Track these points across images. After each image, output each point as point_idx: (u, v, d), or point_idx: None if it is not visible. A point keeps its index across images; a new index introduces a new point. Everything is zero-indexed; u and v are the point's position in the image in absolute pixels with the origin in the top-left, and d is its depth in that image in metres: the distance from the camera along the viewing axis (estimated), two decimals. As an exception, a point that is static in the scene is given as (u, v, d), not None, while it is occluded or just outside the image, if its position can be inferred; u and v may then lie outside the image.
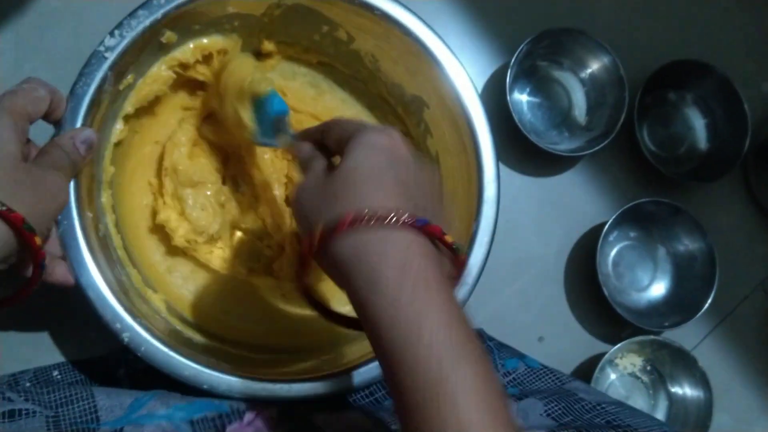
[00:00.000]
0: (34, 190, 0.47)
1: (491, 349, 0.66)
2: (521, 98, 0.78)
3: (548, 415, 0.55)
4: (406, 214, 0.39)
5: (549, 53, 0.78)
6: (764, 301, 0.80)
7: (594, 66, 0.77)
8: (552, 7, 0.79)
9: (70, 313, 0.66)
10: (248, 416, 0.50)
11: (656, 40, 0.81)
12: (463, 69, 0.62)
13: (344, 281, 0.41)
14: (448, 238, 0.42)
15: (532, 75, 0.78)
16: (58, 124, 0.54)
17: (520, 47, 0.72)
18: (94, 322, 0.65)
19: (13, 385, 0.59)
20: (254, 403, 0.53)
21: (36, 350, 0.65)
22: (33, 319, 0.66)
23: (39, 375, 0.63)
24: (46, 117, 0.53)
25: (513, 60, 0.72)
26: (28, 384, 0.61)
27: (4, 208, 0.43)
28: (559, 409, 0.56)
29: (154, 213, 0.66)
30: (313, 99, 0.71)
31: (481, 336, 0.66)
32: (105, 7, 0.56)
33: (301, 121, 0.69)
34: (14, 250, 0.46)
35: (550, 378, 0.63)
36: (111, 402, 0.49)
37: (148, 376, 0.61)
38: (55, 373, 0.63)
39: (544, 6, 0.79)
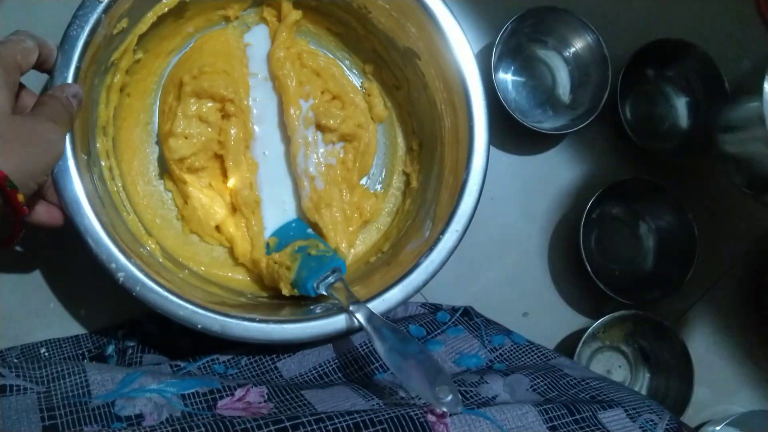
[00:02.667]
0: (23, 145, 0.47)
1: (479, 325, 0.66)
2: (506, 77, 0.78)
3: (534, 390, 0.56)
4: None
5: (533, 32, 0.78)
6: (743, 276, 0.82)
7: (578, 45, 0.78)
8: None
9: (58, 290, 0.67)
10: (239, 392, 0.51)
11: (639, 19, 0.82)
12: (455, 21, 0.63)
13: None
14: None
15: (516, 54, 0.79)
16: (50, 72, 0.54)
17: (505, 26, 0.73)
18: (83, 300, 0.66)
19: (0, 362, 0.60)
20: (245, 380, 0.54)
21: (22, 327, 0.65)
22: (20, 294, 0.66)
23: (26, 352, 0.63)
24: (38, 67, 0.53)
25: (497, 39, 0.73)
26: (15, 360, 0.61)
27: None
28: (545, 384, 0.57)
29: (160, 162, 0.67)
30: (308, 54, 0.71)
31: (469, 313, 0.67)
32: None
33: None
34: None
35: (535, 354, 0.64)
36: (102, 377, 0.49)
37: (137, 354, 0.62)
38: (43, 350, 0.63)
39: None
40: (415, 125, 0.72)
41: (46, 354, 0.63)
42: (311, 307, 0.61)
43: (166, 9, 0.63)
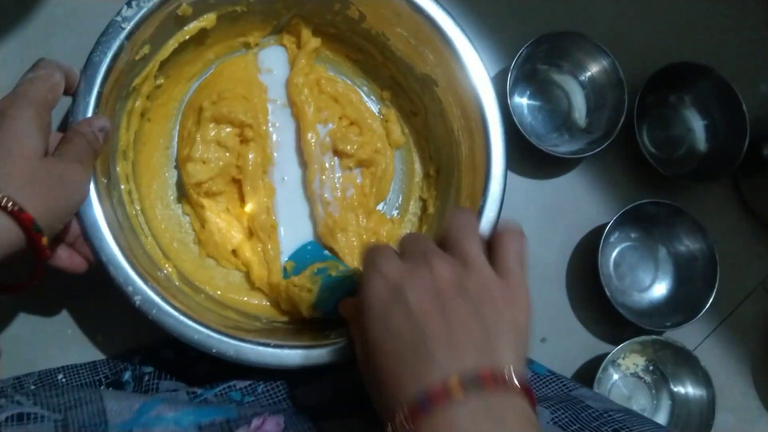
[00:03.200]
0: (51, 188, 0.47)
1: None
2: (521, 101, 0.78)
3: (555, 423, 0.55)
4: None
5: (548, 57, 0.78)
6: (765, 301, 0.81)
7: (593, 69, 0.78)
8: (551, 11, 0.80)
9: (76, 316, 0.67)
10: (256, 422, 0.51)
11: (655, 42, 0.82)
12: (471, 46, 0.63)
13: None
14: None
15: (532, 78, 0.79)
16: (72, 96, 0.55)
17: (520, 51, 0.73)
18: (100, 326, 0.67)
19: (18, 388, 0.60)
20: (262, 408, 0.53)
21: (40, 353, 0.65)
22: (38, 320, 0.66)
23: (44, 378, 0.63)
24: (65, 93, 0.54)
25: (513, 64, 0.73)
26: (33, 387, 0.61)
27: (16, 207, 0.44)
28: (566, 417, 0.56)
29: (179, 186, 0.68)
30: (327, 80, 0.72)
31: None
32: (108, 12, 0.57)
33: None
34: (23, 247, 0.46)
35: (556, 385, 0.63)
36: (119, 405, 0.49)
37: (154, 380, 0.61)
38: (60, 376, 0.63)
39: (543, 10, 0.80)
40: (432, 151, 0.72)
41: (64, 380, 0.63)
42: (326, 332, 0.61)
43: (188, 36, 0.63)
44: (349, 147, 0.69)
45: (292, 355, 0.56)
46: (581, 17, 0.80)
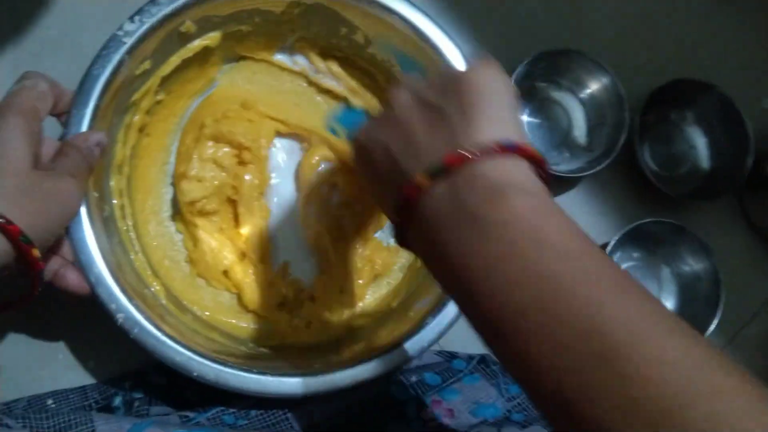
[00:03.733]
0: (42, 200, 0.47)
1: (496, 373, 0.65)
2: (521, 119, 0.78)
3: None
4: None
5: (547, 74, 0.78)
6: (772, 321, 0.80)
7: (593, 86, 0.77)
8: (549, 28, 0.80)
9: (67, 341, 0.66)
10: (247, 445, 0.50)
11: (655, 59, 0.81)
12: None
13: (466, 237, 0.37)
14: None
15: (531, 96, 0.78)
16: (61, 116, 0.54)
17: (519, 69, 0.72)
18: (92, 351, 0.66)
19: (7, 413, 0.59)
20: (255, 431, 0.52)
21: (29, 378, 0.64)
22: (28, 345, 0.65)
23: (33, 403, 0.62)
24: (52, 113, 0.53)
25: (512, 81, 0.72)
26: (21, 412, 0.60)
27: (2, 220, 0.43)
28: None
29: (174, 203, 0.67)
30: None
31: (486, 360, 0.65)
32: (102, 35, 0.57)
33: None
34: (13, 260, 0.45)
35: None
36: (110, 428, 0.48)
37: (145, 406, 0.60)
38: (50, 401, 0.62)
39: (542, 27, 0.79)
40: None
41: (53, 405, 0.62)
42: (311, 361, 0.60)
43: (191, 54, 0.63)
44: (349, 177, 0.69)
45: (275, 383, 0.55)
46: (580, 34, 0.80)
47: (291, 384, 0.55)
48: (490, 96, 0.40)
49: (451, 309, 0.59)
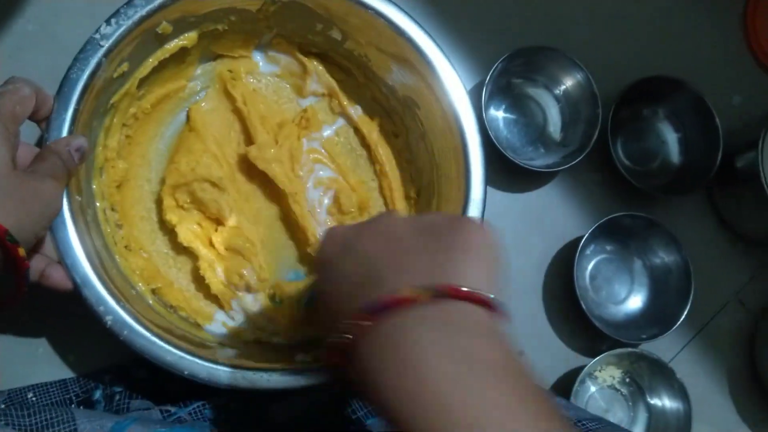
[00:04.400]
0: (23, 200, 0.47)
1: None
2: (497, 115, 0.79)
3: None
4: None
5: (523, 71, 0.79)
6: (739, 312, 0.81)
7: (568, 83, 0.78)
8: (526, 25, 0.81)
9: (48, 336, 0.66)
10: (229, 440, 0.50)
11: (628, 56, 0.82)
12: (453, 70, 0.63)
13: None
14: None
15: (507, 92, 0.79)
16: (42, 122, 0.54)
17: (495, 65, 0.73)
18: (72, 345, 0.66)
19: (-12, 408, 0.59)
20: (235, 428, 0.53)
21: (9, 372, 0.65)
22: (8, 340, 0.65)
23: (13, 397, 0.62)
24: (32, 115, 0.53)
25: (488, 78, 0.73)
26: (2, 406, 0.60)
27: None
28: None
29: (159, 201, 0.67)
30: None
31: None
32: (81, 29, 0.57)
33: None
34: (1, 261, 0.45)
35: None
36: (92, 425, 0.48)
37: (125, 400, 0.61)
38: (30, 395, 0.62)
39: (518, 25, 0.80)
40: (413, 173, 0.71)
41: (34, 399, 0.62)
42: (297, 356, 0.60)
43: (168, 54, 0.63)
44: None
45: (264, 379, 0.55)
46: (555, 32, 0.81)
47: (279, 381, 0.55)
48: (482, 251, 0.40)
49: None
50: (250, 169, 0.68)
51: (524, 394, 0.34)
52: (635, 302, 0.79)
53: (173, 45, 0.63)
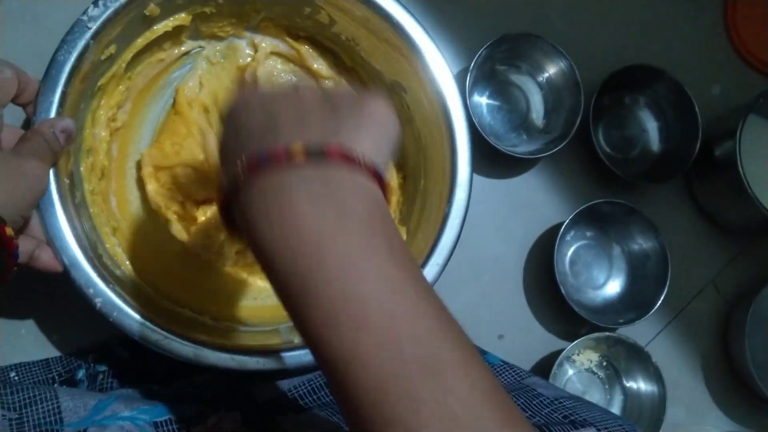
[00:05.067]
0: (8, 180, 0.47)
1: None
2: (481, 101, 0.79)
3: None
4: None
5: (507, 58, 0.79)
6: (714, 299, 0.83)
7: (551, 70, 0.79)
8: (510, 13, 0.81)
9: (31, 316, 0.66)
10: (212, 419, 0.51)
11: (611, 45, 0.83)
12: (440, 54, 0.63)
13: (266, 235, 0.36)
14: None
15: (491, 79, 0.80)
16: (27, 106, 0.54)
17: (479, 52, 0.74)
18: (55, 325, 0.66)
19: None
20: (218, 406, 0.53)
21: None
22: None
23: None
24: (14, 99, 0.52)
25: (472, 64, 0.73)
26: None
27: None
28: (518, 404, 0.57)
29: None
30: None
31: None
32: (66, 8, 0.57)
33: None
34: None
35: (509, 374, 0.64)
36: (75, 403, 0.49)
37: (108, 379, 0.61)
38: (12, 374, 0.62)
39: (503, 12, 0.81)
40: (399, 158, 0.72)
41: (16, 378, 0.62)
42: (287, 337, 0.61)
43: (156, 36, 0.63)
44: None
45: (252, 361, 0.56)
46: (540, 20, 0.82)
47: (267, 362, 0.56)
48: (382, 128, 0.41)
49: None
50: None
51: (390, 247, 0.36)
52: (613, 287, 0.80)
53: (161, 27, 0.63)
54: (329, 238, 0.34)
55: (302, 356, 0.57)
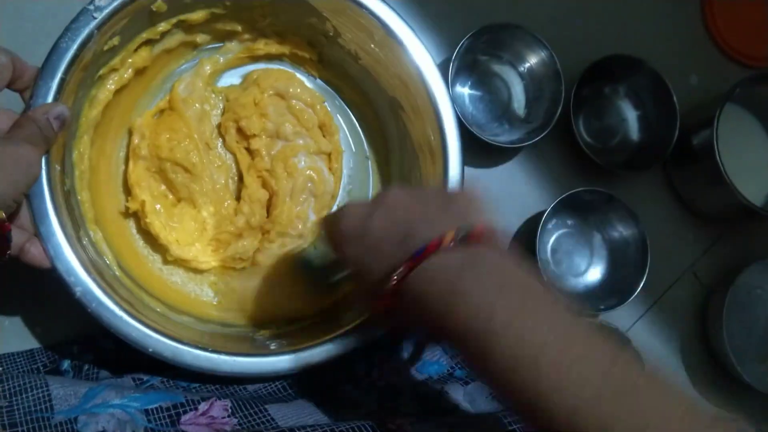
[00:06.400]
0: (2, 166, 0.47)
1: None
2: (463, 91, 0.80)
3: (494, 398, 0.57)
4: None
5: (489, 48, 0.80)
6: (693, 285, 0.84)
7: (532, 60, 0.80)
8: (491, 3, 0.82)
9: (14, 308, 0.66)
10: (203, 406, 0.51)
11: (591, 35, 0.84)
12: (423, 47, 0.64)
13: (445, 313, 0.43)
14: None
15: (473, 69, 0.80)
16: (23, 91, 0.54)
17: (461, 42, 0.74)
18: (39, 317, 0.66)
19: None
20: (207, 394, 0.54)
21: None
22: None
23: None
24: (10, 85, 0.52)
25: (454, 55, 0.74)
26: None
27: None
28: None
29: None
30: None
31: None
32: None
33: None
34: None
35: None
36: (65, 391, 0.49)
37: (94, 370, 0.61)
38: None
39: (484, 2, 0.82)
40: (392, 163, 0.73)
41: (0, 369, 0.62)
42: (266, 342, 0.61)
43: (158, 35, 0.64)
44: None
45: (228, 362, 0.56)
46: (521, 10, 0.82)
47: (243, 363, 0.56)
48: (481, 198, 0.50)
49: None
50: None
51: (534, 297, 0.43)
52: (594, 274, 0.81)
53: (167, 23, 0.63)
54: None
55: (276, 362, 0.57)
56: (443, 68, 0.76)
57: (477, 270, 0.43)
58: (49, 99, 0.54)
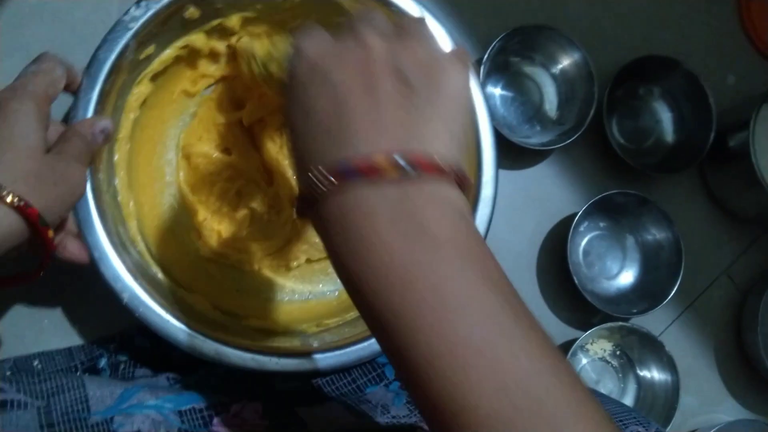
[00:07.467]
0: (54, 184, 0.48)
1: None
2: (494, 92, 0.80)
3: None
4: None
5: (521, 49, 0.80)
6: (727, 288, 0.83)
7: (565, 62, 0.79)
8: (524, 4, 0.81)
9: (53, 307, 0.67)
10: (235, 408, 0.52)
11: (624, 36, 0.83)
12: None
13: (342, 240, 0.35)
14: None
15: (504, 70, 0.80)
16: (75, 93, 0.56)
17: (493, 43, 0.74)
18: (77, 316, 0.67)
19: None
20: (240, 395, 0.54)
21: (14, 341, 0.66)
22: (13, 312, 0.66)
23: (19, 364, 0.63)
24: (64, 89, 0.54)
25: (486, 56, 0.74)
26: (8, 373, 0.61)
27: (22, 202, 0.44)
28: None
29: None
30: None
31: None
32: (83, 4, 0.57)
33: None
34: (27, 240, 0.47)
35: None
36: (102, 392, 0.50)
37: (130, 368, 0.62)
38: (36, 362, 0.64)
39: (517, 3, 0.81)
40: None
41: (39, 367, 0.64)
42: (310, 341, 0.62)
43: (196, 41, 0.64)
44: None
45: (273, 362, 0.57)
46: (554, 11, 0.82)
47: (288, 363, 0.57)
48: (456, 109, 0.39)
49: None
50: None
51: (483, 272, 0.37)
52: (627, 277, 0.81)
53: (201, 29, 0.64)
54: (421, 275, 0.34)
55: (321, 360, 0.58)
56: (475, 69, 0.76)
57: (406, 216, 0.35)
58: (90, 110, 0.55)
